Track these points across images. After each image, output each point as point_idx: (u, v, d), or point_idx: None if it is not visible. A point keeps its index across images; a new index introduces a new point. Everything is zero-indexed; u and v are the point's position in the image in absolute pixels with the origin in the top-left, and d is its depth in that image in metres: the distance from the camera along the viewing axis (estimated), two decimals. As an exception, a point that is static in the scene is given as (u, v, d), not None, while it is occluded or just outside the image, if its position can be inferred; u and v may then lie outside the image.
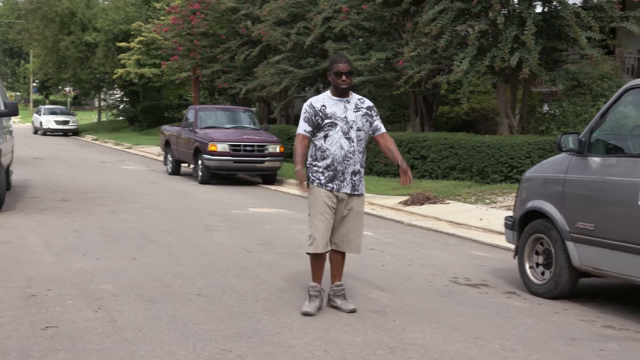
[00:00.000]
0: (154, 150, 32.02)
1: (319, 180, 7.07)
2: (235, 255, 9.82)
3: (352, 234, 7.18)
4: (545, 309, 7.56)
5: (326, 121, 7.03)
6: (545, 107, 23.49)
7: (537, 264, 8.27)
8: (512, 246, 8.83)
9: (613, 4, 17.77)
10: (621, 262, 7.12)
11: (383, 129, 7.35)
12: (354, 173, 7.10)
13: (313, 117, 7.09)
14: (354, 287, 8.17)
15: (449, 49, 18.71)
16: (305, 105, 7.19)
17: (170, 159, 23.33)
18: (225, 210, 14.71)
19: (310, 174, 7.14)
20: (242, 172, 21.20)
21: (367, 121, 7.17)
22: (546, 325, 6.94)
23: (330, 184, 7.04)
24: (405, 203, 15.74)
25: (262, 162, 20.52)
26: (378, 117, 7.35)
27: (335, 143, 7.01)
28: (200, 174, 20.55)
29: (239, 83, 29.43)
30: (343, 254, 7.31)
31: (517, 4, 18.20)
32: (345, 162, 7.04)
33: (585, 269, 7.66)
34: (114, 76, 46.54)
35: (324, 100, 7.15)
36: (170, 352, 5.75)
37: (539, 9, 18.38)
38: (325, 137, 7.05)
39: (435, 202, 15.54)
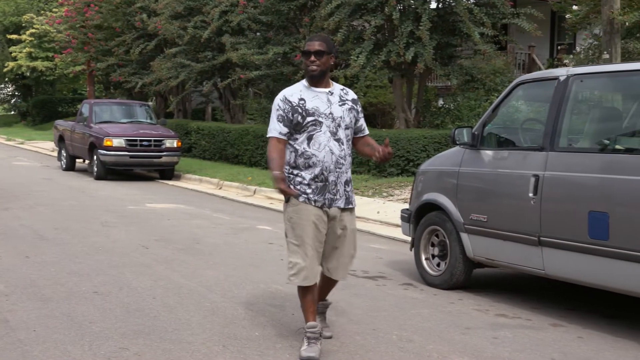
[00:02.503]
0: (48, 146, 31.31)
1: (306, 194, 5.70)
2: (132, 252, 9.69)
3: (347, 259, 5.96)
4: (441, 300, 7.70)
5: (308, 119, 5.69)
6: (440, 102, 23.87)
7: (433, 256, 8.42)
8: (409, 238, 8.94)
9: (504, 1, 18.18)
10: (513, 252, 7.31)
11: (367, 130, 6.13)
12: (346, 183, 5.85)
13: (290, 115, 5.71)
14: (253, 281, 8.17)
15: (345, 43, 18.83)
16: (278, 100, 5.82)
17: (65, 154, 22.86)
18: (121, 206, 14.50)
19: (292, 186, 5.73)
20: (139, 167, 20.94)
21: (353, 117, 5.91)
22: (442, 316, 7.06)
23: (321, 199, 5.71)
24: (304, 197, 15.75)
25: (159, 157, 20.31)
26: (362, 113, 6.11)
27: (323, 147, 5.69)
28: (95, 169, 20.19)
29: (135, 77, 29.04)
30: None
31: (412, -1, 18.45)
32: (338, 170, 5.74)
33: (479, 260, 7.83)
34: (5, 69, 45.39)
35: (301, 92, 5.80)
36: (65, 351, 5.64)
37: (433, 5, 18.64)
38: (310, 139, 5.70)
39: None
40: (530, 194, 7.01)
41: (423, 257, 8.49)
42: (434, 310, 7.28)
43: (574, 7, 19.23)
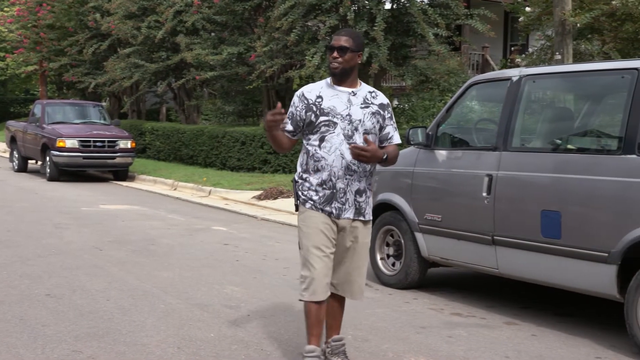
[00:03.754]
0: (-1, 147, 30.95)
1: (312, 201, 5.19)
2: (86, 254, 9.60)
3: (355, 273, 5.38)
4: (396, 299, 7.73)
5: (321, 119, 5.17)
6: (395, 102, 23.98)
7: (388, 255, 8.44)
8: (364, 238, 8.94)
9: (458, 1, 18.31)
10: (467, 251, 7.36)
11: (397, 139, 5.46)
12: (358, 192, 5.25)
13: (303, 113, 5.24)
14: (208, 282, 8.14)
15: (300, 44, 18.83)
16: (295, 96, 5.35)
17: (17, 155, 22.60)
18: (75, 207, 14.36)
19: (299, 192, 5.29)
20: (93, 168, 20.79)
21: (377, 122, 5.28)
22: (397, 315, 7.09)
23: (328, 207, 5.18)
24: (259, 197, 15.76)
25: (113, 157, 20.16)
26: (393, 120, 5.47)
27: (333, 150, 5.14)
28: (48, 170, 19.98)
29: (88, 77, 28.79)
30: (342, 300, 5.54)
31: (366, 0, 18.48)
32: (348, 177, 5.17)
33: (433, 259, 7.88)
34: (-45, 70, 44.74)
35: (321, 90, 5.28)
36: (18, 355, 5.56)
37: (388, 6, 18.71)
38: (321, 140, 5.18)
39: (289, 197, 15.61)
40: (484, 194, 7.07)
41: (378, 257, 8.52)
42: (389, 309, 7.30)
43: (527, 9, 19.44)
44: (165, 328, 6.36)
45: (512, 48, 28.53)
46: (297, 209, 5.32)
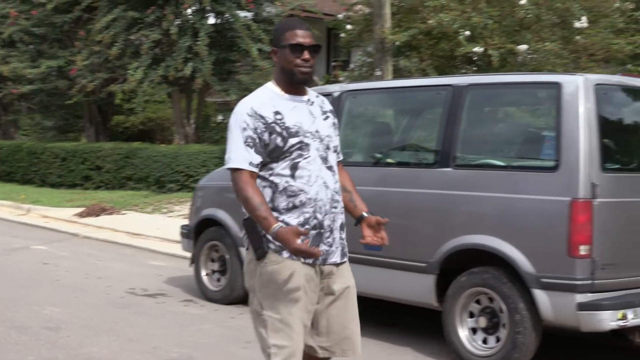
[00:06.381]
0: None
1: None
2: None
3: (352, 324, 4.07)
4: (222, 315, 7.70)
5: (291, 142, 3.84)
6: (220, 117, 23.96)
7: (213, 271, 8.40)
8: (189, 254, 8.88)
9: (282, 18, 18.53)
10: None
11: (341, 154, 4.23)
12: (342, 228, 4.07)
13: (266, 137, 3.84)
14: (26, 303, 7.85)
15: (122, 58, 18.57)
16: (244, 115, 3.88)
17: None
18: None
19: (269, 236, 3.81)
20: None
21: (336, 135, 4.14)
22: (223, 330, 7.07)
23: None
24: (81, 215, 15.35)
25: None
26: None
27: (314, 179, 3.88)
28: None
29: None
30: None
31: (190, 15, 18.43)
32: (333, 210, 3.96)
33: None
34: None
35: (274, 103, 3.91)
36: None
37: (212, 21, 18.76)
38: (294, 169, 3.85)
39: (111, 213, 15.31)
40: (308, 208, 7.13)
41: (203, 273, 8.46)
42: (215, 325, 7.27)
43: (348, 26, 19.83)
44: (-21, 352, 6.10)
45: (335, 64, 29.06)
46: (259, 258, 3.87)
